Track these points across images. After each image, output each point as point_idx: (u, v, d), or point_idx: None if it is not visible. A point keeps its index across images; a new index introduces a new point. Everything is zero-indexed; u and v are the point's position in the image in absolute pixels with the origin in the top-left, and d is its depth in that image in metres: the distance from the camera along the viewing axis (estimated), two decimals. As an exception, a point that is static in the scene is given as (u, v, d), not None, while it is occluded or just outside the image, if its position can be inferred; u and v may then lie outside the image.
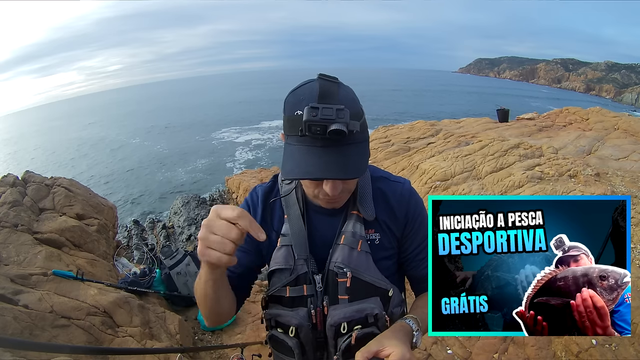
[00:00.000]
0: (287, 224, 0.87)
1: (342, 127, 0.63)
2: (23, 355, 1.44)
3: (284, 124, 0.73)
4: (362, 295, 0.82)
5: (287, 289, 0.84)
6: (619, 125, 8.68)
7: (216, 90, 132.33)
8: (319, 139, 0.66)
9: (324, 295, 0.83)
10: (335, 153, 0.67)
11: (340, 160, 0.68)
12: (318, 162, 0.67)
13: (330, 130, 0.64)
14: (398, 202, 0.88)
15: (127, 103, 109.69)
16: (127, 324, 2.15)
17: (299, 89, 0.72)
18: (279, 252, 0.86)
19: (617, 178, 5.12)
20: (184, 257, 3.25)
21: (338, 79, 0.72)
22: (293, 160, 0.70)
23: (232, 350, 2.43)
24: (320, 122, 0.63)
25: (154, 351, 1.95)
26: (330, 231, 0.86)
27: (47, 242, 2.67)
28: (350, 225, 0.84)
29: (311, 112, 0.64)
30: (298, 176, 0.69)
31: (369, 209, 0.85)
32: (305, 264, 0.84)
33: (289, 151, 0.72)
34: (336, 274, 0.82)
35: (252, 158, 26.54)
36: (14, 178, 3.28)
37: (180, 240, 7.35)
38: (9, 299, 1.83)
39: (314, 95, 0.68)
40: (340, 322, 0.80)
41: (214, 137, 35.62)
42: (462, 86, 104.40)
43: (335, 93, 0.69)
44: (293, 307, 0.84)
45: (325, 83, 0.69)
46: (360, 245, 0.83)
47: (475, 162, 5.79)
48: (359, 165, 0.70)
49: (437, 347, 2.93)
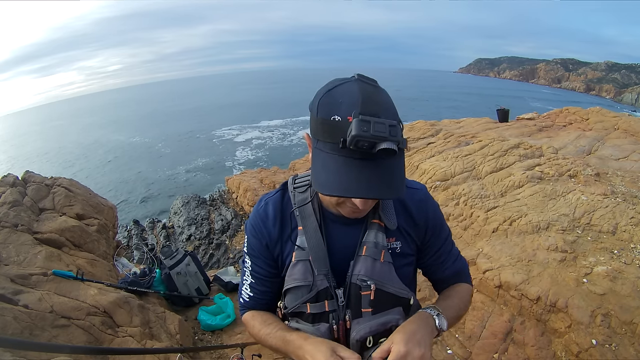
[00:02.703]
0: (303, 236, 0.81)
1: (394, 147, 0.58)
2: (23, 355, 1.44)
3: (315, 125, 0.66)
4: (386, 307, 0.80)
5: (307, 306, 0.80)
6: (619, 125, 8.67)
7: (216, 90, 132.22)
8: (358, 152, 0.60)
9: (346, 309, 0.80)
10: (376, 167, 0.62)
11: (384, 177, 0.62)
12: (359, 177, 0.61)
13: (380, 150, 0.58)
14: (417, 209, 0.85)
15: (127, 103, 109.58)
16: (127, 324, 2.15)
17: (336, 89, 0.65)
18: (295, 268, 0.81)
19: (617, 178, 5.12)
20: (184, 257, 3.25)
21: (377, 82, 0.66)
22: (329, 172, 0.63)
23: (232, 350, 2.42)
24: (372, 138, 0.57)
25: (154, 351, 1.95)
26: (349, 242, 0.82)
27: (47, 242, 2.67)
28: (372, 235, 0.81)
29: (362, 127, 0.57)
30: (339, 193, 0.62)
31: (392, 218, 0.81)
32: (325, 278, 0.80)
33: (321, 159, 0.65)
34: (359, 287, 0.78)
35: (252, 158, 26.55)
36: (14, 178, 3.28)
37: (180, 240, 7.35)
38: (9, 299, 1.83)
39: (355, 101, 0.61)
40: (366, 336, 0.78)
41: (214, 136, 35.63)
42: (462, 86, 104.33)
43: (377, 100, 0.63)
44: (314, 323, 0.81)
45: (366, 87, 0.63)
46: (383, 256, 0.80)
47: (475, 162, 5.79)
48: (401, 180, 0.64)
49: (437, 347, 2.93)
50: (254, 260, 0.88)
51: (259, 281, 0.89)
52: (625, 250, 3.31)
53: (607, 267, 3.03)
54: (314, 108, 0.66)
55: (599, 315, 2.62)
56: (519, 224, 3.96)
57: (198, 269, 3.29)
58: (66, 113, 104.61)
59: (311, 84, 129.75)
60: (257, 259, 0.87)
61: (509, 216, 4.13)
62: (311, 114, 0.67)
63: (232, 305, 3.04)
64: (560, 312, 2.73)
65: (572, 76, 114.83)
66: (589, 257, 3.23)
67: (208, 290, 3.33)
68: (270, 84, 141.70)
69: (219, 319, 2.91)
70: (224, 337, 2.83)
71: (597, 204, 4.09)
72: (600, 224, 3.74)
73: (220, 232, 7.23)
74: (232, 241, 6.98)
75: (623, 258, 3.18)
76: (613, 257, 3.20)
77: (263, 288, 0.89)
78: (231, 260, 6.47)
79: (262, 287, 0.89)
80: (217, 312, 3.00)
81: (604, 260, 3.17)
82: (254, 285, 0.90)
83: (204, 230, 7.34)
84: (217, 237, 7.11)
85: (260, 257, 0.87)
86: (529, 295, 2.89)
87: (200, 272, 3.29)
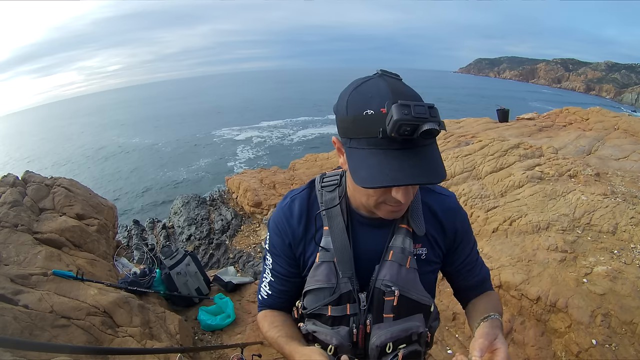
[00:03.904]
0: (328, 237, 0.80)
1: (436, 127, 0.57)
2: (23, 355, 1.44)
3: (346, 124, 0.65)
4: (407, 313, 0.80)
5: (328, 308, 0.79)
6: (619, 125, 8.68)
7: (216, 90, 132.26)
8: (396, 142, 0.60)
9: (368, 314, 0.79)
10: (415, 156, 0.61)
11: (425, 163, 0.61)
12: (402, 165, 0.60)
13: (424, 131, 0.57)
14: (446, 217, 0.84)
15: (127, 103, 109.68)
16: (127, 324, 2.15)
17: (362, 86, 0.64)
18: (319, 269, 0.80)
19: (617, 178, 5.12)
20: (184, 257, 3.25)
21: (400, 76, 0.66)
22: (370, 167, 0.61)
23: (232, 350, 2.42)
24: (414, 120, 0.56)
25: (154, 351, 1.94)
26: (375, 245, 0.80)
27: (47, 242, 2.67)
28: (399, 240, 0.79)
29: (403, 110, 0.56)
30: (386, 184, 0.60)
31: (420, 224, 0.80)
32: (349, 282, 0.78)
33: (358, 156, 0.63)
34: (383, 292, 0.78)
35: (252, 157, 26.57)
36: (14, 178, 3.28)
37: (180, 240, 7.35)
38: (9, 299, 1.82)
39: (385, 93, 0.61)
40: (387, 342, 0.77)
41: (214, 135, 35.66)
42: (462, 86, 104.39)
43: (406, 90, 0.62)
44: (333, 326, 0.80)
45: (392, 80, 0.63)
46: (409, 262, 0.79)
47: (475, 162, 5.79)
48: (441, 165, 0.63)
49: (437, 347, 2.93)
50: (275, 259, 0.87)
51: (279, 280, 0.88)
52: (625, 250, 3.31)
53: (607, 267, 3.03)
54: (342, 108, 0.65)
55: (599, 315, 2.62)
56: (519, 224, 3.96)
57: (198, 269, 3.29)
58: (66, 113, 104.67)
59: (311, 84, 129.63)
60: (279, 258, 0.87)
61: (509, 216, 4.13)
62: (338, 116, 0.66)
63: (232, 305, 3.04)
64: (560, 312, 2.73)
65: (572, 76, 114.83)
66: (589, 257, 3.23)
67: (208, 290, 3.33)
68: (270, 84, 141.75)
69: (219, 319, 2.91)
70: (224, 337, 2.83)
71: (597, 204, 4.09)
72: (600, 224, 3.74)
73: (220, 232, 7.23)
74: (232, 241, 6.98)
75: (623, 258, 3.18)
76: (613, 257, 3.20)
77: (282, 287, 0.89)
78: (231, 260, 6.47)
79: (282, 286, 0.89)
80: (217, 312, 3.00)
81: (604, 260, 3.17)
82: (273, 284, 0.89)
83: (204, 230, 7.33)
84: (217, 237, 7.11)
85: (281, 255, 0.86)
86: (529, 295, 2.89)
87: (200, 272, 3.29)
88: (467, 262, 0.90)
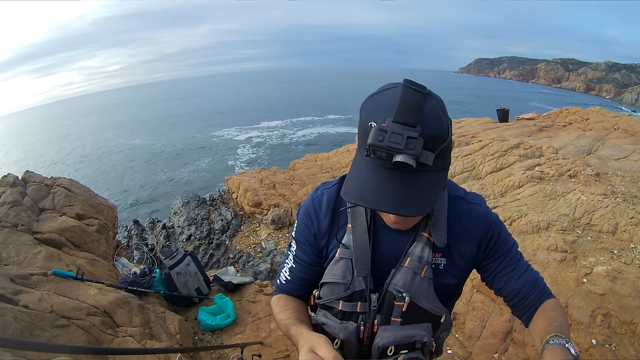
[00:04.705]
0: (350, 235, 0.81)
1: (409, 161, 0.56)
2: (23, 355, 1.44)
3: (358, 130, 0.66)
4: (415, 320, 0.80)
5: (340, 303, 0.81)
6: (619, 125, 8.68)
7: (216, 90, 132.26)
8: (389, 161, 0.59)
9: (377, 314, 0.80)
10: (404, 180, 0.60)
11: (407, 192, 0.59)
12: (379, 189, 0.59)
13: (395, 162, 0.56)
14: (475, 226, 0.82)
15: (127, 103, 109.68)
16: (127, 324, 2.15)
17: (379, 94, 0.64)
18: (337, 264, 0.82)
19: (617, 178, 5.12)
20: (184, 257, 3.24)
21: (427, 88, 0.61)
22: (357, 177, 0.63)
23: (232, 350, 2.42)
24: (386, 149, 0.56)
25: (154, 351, 1.95)
26: (394, 249, 0.81)
27: (47, 242, 2.67)
28: (418, 248, 0.79)
29: (378, 136, 0.56)
30: (354, 200, 0.61)
31: (441, 235, 0.78)
32: (363, 281, 0.80)
33: (355, 163, 0.65)
34: (394, 296, 0.78)
35: (253, 157, 26.58)
36: (14, 178, 3.28)
37: (180, 240, 7.35)
38: (9, 299, 1.82)
39: (392, 107, 0.59)
40: (389, 345, 0.78)
41: (214, 136, 35.66)
42: (462, 86, 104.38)
43: (419, 107, 0.59)
44: (342, 320, 0.82)
45: (409, 92, 0.59)
46: (424, 272, 0.78)
47: (475, 162, 5.79)
48: (427, 199, 0.61)
49: (437, 347, 2.93)
50: (300, 246, 0.89)
51: (300, 267, 0.90)
52: (625, 250, 3.31)
53: (607, 267, 3.03)
54: (360, 112, 0.65)
55: (599, 315, 2.62)
56: (519, 224, 3.96)
57: (198, 269, 3.28)
58: (66, 113, 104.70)
59: (311, 84, 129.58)
60: (304, 245, 0.89)
61: (509, 216, 4.13)
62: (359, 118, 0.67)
63: (232, 305, 3.04)
64: (560, 312, 2.73)
65: (572, 76, 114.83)
66: (589, 257, 3.23)
67: (208, 290, 3.33)
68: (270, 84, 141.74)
69: (219, 319, 2.91)
70: (224, 337, 2.83)
71: (597, 204, 4.09)
72: (600, 224, 3.74)
73: (220, 232, 7.23)
74: (232, 241, 6.98)
75: (623, 258, 3.18)
76: (613, 257, 3.20)
77: (302, 275, 0.90)
78: (231, 260, 6.47)
79: (302, 273, 0.90)
80: (217, 312, 3.00)
81: (604, 260, 3.17)
82: (294, 271, 0.91)
83: (204, 230, 7.33)
84: (217, 237, 7.11)
85: (306, 243, 0.88)
86: (529, 295, 2.89)
87: (200, 272, 3.29)
88: (506, 264, 0.84)
